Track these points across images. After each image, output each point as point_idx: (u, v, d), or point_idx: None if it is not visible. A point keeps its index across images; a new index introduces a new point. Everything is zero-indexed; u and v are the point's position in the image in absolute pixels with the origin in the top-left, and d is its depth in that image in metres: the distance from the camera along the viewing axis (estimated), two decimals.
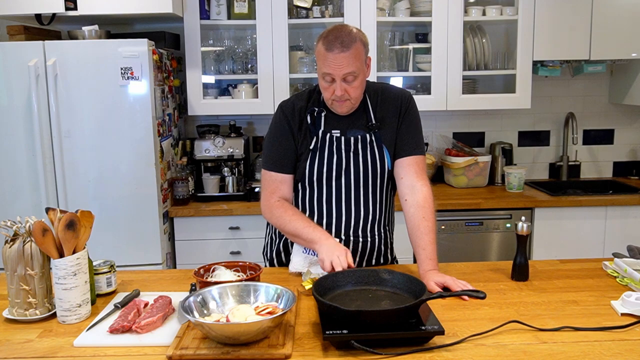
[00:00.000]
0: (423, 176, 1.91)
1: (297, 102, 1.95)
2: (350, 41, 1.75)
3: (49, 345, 1.42)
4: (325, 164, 1.91)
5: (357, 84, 1.81)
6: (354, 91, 1.82)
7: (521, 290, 1.74)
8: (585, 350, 1.35)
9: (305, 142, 1.92)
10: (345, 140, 1.90)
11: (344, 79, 1.78)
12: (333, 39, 1.76)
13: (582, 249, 3.13)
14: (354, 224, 1.94)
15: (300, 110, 1.93)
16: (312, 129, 1.92)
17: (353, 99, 1.84)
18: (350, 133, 1.91)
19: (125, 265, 2.51)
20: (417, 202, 1.85)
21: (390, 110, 1.93)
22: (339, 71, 1.76)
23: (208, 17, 3.22)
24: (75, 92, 2.76)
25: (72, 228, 1.52)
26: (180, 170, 3.18)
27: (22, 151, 2.81)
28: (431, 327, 1.37)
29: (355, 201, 1.92)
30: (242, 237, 3.10)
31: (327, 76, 1.79)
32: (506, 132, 3.74)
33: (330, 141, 1.90)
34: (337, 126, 1.92)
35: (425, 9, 3.28)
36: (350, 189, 1.92)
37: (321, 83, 1.84)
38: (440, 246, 3.11)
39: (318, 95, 1.95)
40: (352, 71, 1.77)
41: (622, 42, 3.27)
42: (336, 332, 1.34)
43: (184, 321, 1.47)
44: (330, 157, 1.91)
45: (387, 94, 1.96)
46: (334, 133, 1.91)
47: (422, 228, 1.82)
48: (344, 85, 1.79)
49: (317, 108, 1.93)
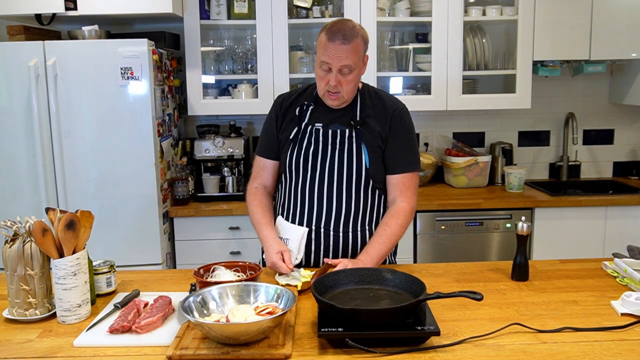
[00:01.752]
0: (407, 194, 1.97)
1: (290, 95, 2.06)
2: (352, 35, 1.82)
3: (49, 345, 1.42)
4: (302, 153, 1.97)
5: (351, 78, 1.87)
6: (346, 84, 1.87)
7: (521, 290, 1.74)
8: (585, 350, 1.35)
9: (287, 132, 1.99)
10: (324, 132, 1.95)
11: (340, 71, 1.84)
12: (336, 31, 1.82)
13: (582, 249, 3.13)
14: (326, 217, 1.96)
15: (290, 102, 2.02)
16: (296, 120, 1.99)
17: (345, 92, 1.89)
18: (332, 127, 1.96)
19: (125, 265, 2.51)
20: (389, 212, 1.96)
21: (378, 114, 1.96)
22: (337, 62, 1.83)
23: (208, 17, 3.22)
24: (75, 92, 2.77)
25: (72, 228, 1.52)
26: (180, 170, 3.18)
27: (22, 151, 2.80)
28: (427, 328, 1.37)
29: (327, 193, 1.95)
30: (242, 237, 3.10)
31: (324, 65, 1.85)
32: (506, 132, 3.74)
33: (310, 132, 1.97)
34: (321, 120, 1.98)
35: (425, 9, 3.28)
36: (323, 181, 1.95)
37: (317, 72, 1.90)
38: (440, 246, 3.16)
39: (312, 91, 2.02)
40: (349, 64, 1.83)
41: (622, 42, 3.27)
42: (331, 330, 1.35)
43: (183, 321, 1.47)
44: (308, 147, 1.96)
45: (380, 100, 2.00)
46: (317, 125, 1.97)
47: (379, 230, 1.92)
48: (338, 77, 1.85)
49: (307, 102, 1.99)
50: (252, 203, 2.04)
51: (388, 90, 3.07)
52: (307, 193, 1.97)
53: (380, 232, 1.91)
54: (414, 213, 1.98)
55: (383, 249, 1.87)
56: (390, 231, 1.90)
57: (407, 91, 3.43)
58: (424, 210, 3.13)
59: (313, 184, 1.96)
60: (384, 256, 1.89)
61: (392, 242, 1.91)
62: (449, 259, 3.08)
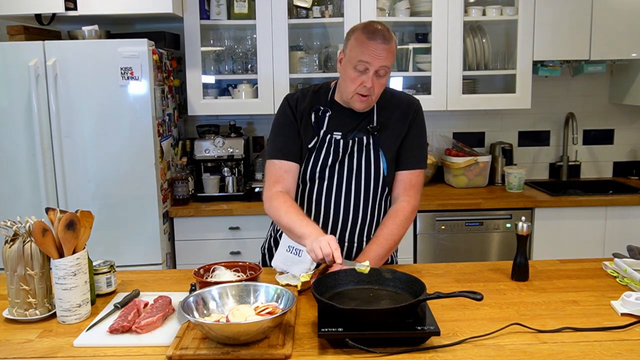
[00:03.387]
0: (410, 192, 1.93)
1: (303, 97, 1.94)
2: (390, 37, 1.79)
3: (48, 345, 1.42)
4: (320, 163, 1.90)
5: (384, 82, 1.82)
6: (379, 87, 1.82)
7: (521, 290, 1.74)
8: (585, 350, 1.35)
9: (306, 139, 1.91)
10: (344, 143, 1.89)
11: (377, 72, 1.78)
12: (375, 30, 1.76)
13: (582, 249, 3.13)
14: (341, 227, 1.92)
15: (305, 105, 1.92)
16: (314, 128, 1.91)
17: (375, 95, 1.84)
18: (351, 136, 1.90)
19: (125, 265, 2.51)
20: (390, 212, 1.92)
21: (395, 116, 1.92)
22: (377, 62, 1.76)
23: (208, 17, 3.22)
24: (75, 92, 2.76)
25: (72, 228, 1.52)
26: (180, 170, 3.18)
27: (22, 151, 2.80)
28: (427, 328, 1.37)
29: (345, 203, 1.90)
30: (242, 237, 3.09)
31: (361, 65, 1.76)
32: (506, 132, 3.74)
33: (329, 142, 1.90)
34: (339, 128, 1.91)
35: (425, 9, 3.28)
36: (341, 190, 1.90)
37: (350, 73, 1.80)
38: (440, 246, 3.16)
39: (325, 95, 1.94)
40: (387, 65, 1.78)
41: (622, 42, 3.27)
42: (331, 330, 1.35)
43: (183, 321, 1.47)
44: (326, 158, 1.90)
45: (395, 99, 1.95)
46: (335, 135, 1.90)
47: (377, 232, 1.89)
48: (374, 79, 1.79)
49: (323, 107, 1.92)
50: (284, 204, 1.81)
51: None
52: (323, 202, 1.92)
53: (377, 233, 1.88)
54: (415, 213, 1.95)
55: (380, 250, 1.83)
56: (388, 231, 1.86)
57: (407, 91, 3.43)
58: (424, 210, 3.12)
59: (330, 194, 1.91)
60: (383, 257, 1.84)
61: (390, 243, 1.86)
62: (449, 259, 3.08)
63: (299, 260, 1.82)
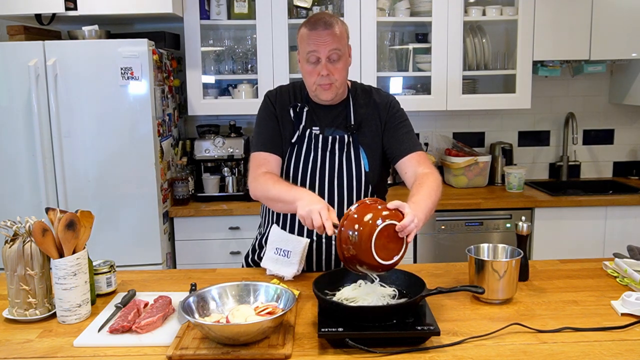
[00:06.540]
0: (427, 165, 1.87)
1: (282, 94, 1.98)
2: (333, 22, 1.81)
3: (48, 345, 1.42)
4: (302, 159, 1.92)
5: (340, 66, 1.82)
6: (338, 73, 1.83)
7: (521, 290, 1.74)
8: (585, 350, 1.35)
9: (288, 134, 1.94)
10: (323, 138, 1.91)
11: (329, 58, 1.80)
12: (315, 20, 1.81)
13: (582, 249, 3.13)
14: None
15: (283, 101, 1.96)
16: (295, 122, 1.94)
17: (337, 81, 1.84)
18: (329, 132, 1.92)
19: (125, 265, 2.50)
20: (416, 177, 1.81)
21: (371, 114, 1.94)
22: (324, 47, 1.78)
23: (208, 17, 3.22)
24: (75, 92, 2.76)
25: (72, 228, 1.52)
26: (180, 170, 3.18)
27: (22, 151, 2.80)
28: (427, 328, 1.37)
29: (328, 199, 1.89)
30: (242, 237, 3.09)
31: (311, 55, 1.80)
32: (506, 132, 3.74)
33: (309, 137, 1.92)
34: (316, 123, 1.93)
35: (425, 9, 3.28)
36: (324, 189, 1.91)
37: (305, 67, 1.84)
38: (440, 246, 3.16)
39: (301, 91, 1.97)
40: (336, 48, 1.79)
41: (622, 42, 3.27)
42: (331, 330, 1.35)
43: (183, 321, 1.47)
44: (308, 154, 1.92)
45: (371, 98, 1.97)
46: (314, 130, 1.93)
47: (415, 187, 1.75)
48: (328, 66, 1.81)
49: (300, 103, 1.95)
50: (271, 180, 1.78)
51: (388, 90, 3.07)
52: None
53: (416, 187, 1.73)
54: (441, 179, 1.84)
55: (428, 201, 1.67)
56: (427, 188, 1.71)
57: (407, 91, 3.43)
58: None
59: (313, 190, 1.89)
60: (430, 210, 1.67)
61: (433, 198, 1.71)
62: (449, 259, 3.08)
63: (288, 262, 1.85)
